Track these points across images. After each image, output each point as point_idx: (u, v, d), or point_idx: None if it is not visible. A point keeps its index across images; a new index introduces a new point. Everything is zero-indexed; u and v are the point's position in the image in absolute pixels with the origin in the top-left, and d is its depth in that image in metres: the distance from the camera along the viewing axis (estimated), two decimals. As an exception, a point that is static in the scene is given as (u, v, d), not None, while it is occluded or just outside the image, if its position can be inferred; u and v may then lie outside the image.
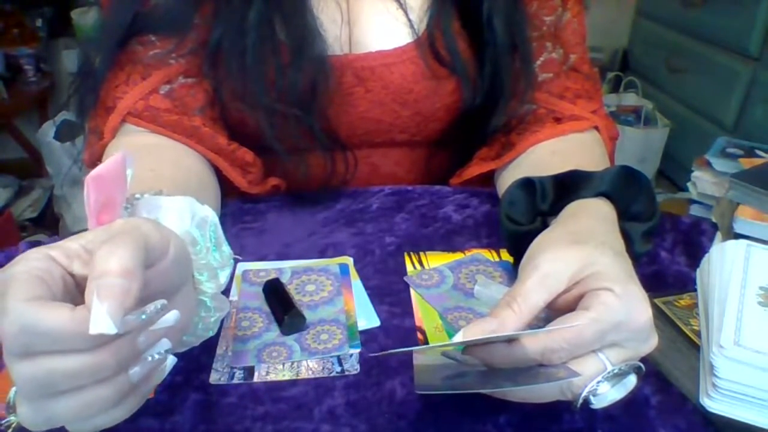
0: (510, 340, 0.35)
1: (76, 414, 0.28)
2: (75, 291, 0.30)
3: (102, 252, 0.28)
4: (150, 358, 0.31)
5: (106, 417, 0.30)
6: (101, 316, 0.26)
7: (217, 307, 0.40)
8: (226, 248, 0.40)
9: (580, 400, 0.34)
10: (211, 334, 0.40)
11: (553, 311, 0.37)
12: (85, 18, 2.06)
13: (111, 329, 0.26)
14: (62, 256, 0.30)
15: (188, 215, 0.38)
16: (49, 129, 2.05)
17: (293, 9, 0.56)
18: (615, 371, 0.34)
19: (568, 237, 0.39)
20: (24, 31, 2.23)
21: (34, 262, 0.29)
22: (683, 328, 0.44)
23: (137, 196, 0.38)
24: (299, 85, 0.56)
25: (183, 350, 0.40)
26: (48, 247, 0.30)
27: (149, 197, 0.38)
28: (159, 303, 0.30)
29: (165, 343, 0.32)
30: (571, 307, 0.36)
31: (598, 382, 0.34)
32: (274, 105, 0.57)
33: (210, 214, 0.40)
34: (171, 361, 0.32)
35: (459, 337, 0.35)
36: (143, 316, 0.29)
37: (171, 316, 0.31)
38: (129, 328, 0.28)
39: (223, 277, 0.40)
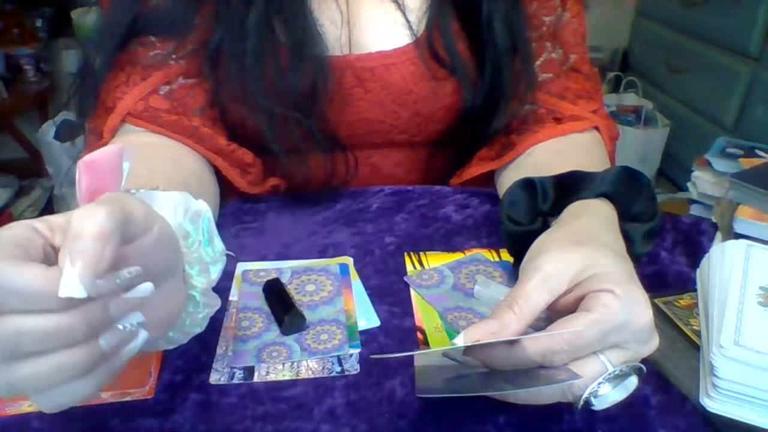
0: (511, 342, 0.35)
1: (41, 379, 0.27)
2: (55, 262, 0.29)
3: (79, 213, 0.27)
4: (122, 327, 0.30)
5: (73, 388, 0.29)
6: (71, 279, 0.26)
7: (207, 303, 0.39)
8: (219, 243, 0.40)
9: (581, 402, 0.34)
10: (199, 330, 0.40)
11: (554, 312, 0.37)
12: (85, 18, 2.06)
13: (81, 293, 0.26)
14: (45, 227, 0.29)
15: (182, 209, 0.38)
16: (49, 129, 2.05)
17: (293, 10, 0.56)
18: (616, 372, 0.34)
19: (569, 238, 0.39)
20: (24, 31, 2.23)
21: (17, 229, 0.28)
22: (683, 328, 0.44)
23: (132, 191, 0.38)
24: (299, 87, 0.56)
25: (170, 347, 0.39)
26: (33, 220, 0.30)
27: (145, 192, 0.38)
28: (133, 269, 0.29)
29: (137, 316, 0.31)
30: (571, 308, 0.36)
31: (599, 383, 0.34)
32: (273, 107, 0.57)
33: (204, 208, 0.39)
34: (143, 336, 0.31)
35: (460, 340, 0.35)
36: (117, 281, 0.28)
37: (144, 287, 0.30)
38: (100, 293, 0.27)
39: (215, 273, 0.39)
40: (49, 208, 2.20)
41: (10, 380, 0.27)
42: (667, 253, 0.55)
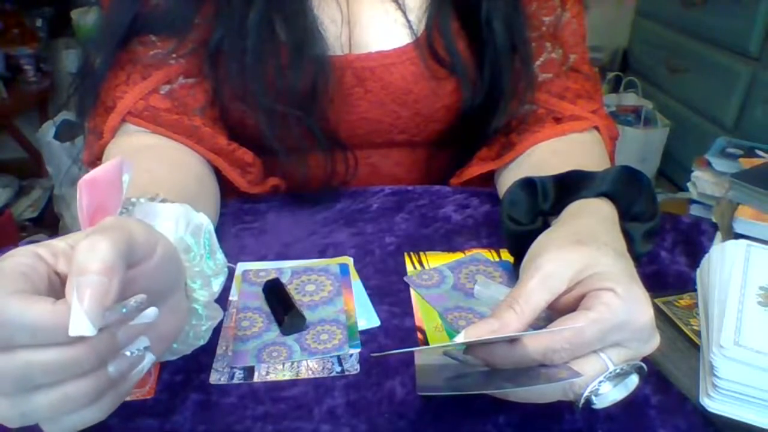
0: (512, 340, 0.35)
1: (53, 409, 0.28)
2: (60, 289, 0.29)
3: (82, 246, 0.27)
4: (129, 353, 0.30)
5: (82, 415, 0.29)
6: (80, 318, 0.26)
7: (209, 316, 0.39)
8: (220, 256, 0.40)
9: (582, 401, 0.34)
10: (202, 342, 0.40)
11: (555, 312, 0.37)
12: (85, 18, 2.06)
13: (90, 331, 0.26)
14: (48, 254, 0.29)
15: (183, 222, 0.38)
16: (49, 129, 2.05)
17: (294, 9, 0.56)
18: (617, 371, 0.34)
19: (570, 237, 0.39)
20: (24, 31, 2.23)
21: (21, 258, 0.28)
22: (683, 328, 0.44)
23: (133, 200, 0.38)
24: (299, 86, 0.56)
25: (173, 359, 0.40)
26: (35, 246, 0.30)
27: (145, 203, 0.38)
28: (139, 297, 0.29)
29: (143, 341, 0.31)
30: (572, 307, 0.36)
31: (600, 382, 0.34)
32: (273, 105, 0.57)
33: (205, 222, 0.39)
34: (149, 359, 0.32)
35: (461, 338, 0.35)
36: (123, 310, 0.28)
37: (150, 312, 0.30)
38: (108, 323, 0.28)
39: (216, 285, 0.40)
40: (49, 208, 2.20)
41: (23, 411, 0.28)
42: (667, 253, 0.55)
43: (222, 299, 0.42)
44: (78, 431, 0.30)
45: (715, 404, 0.37)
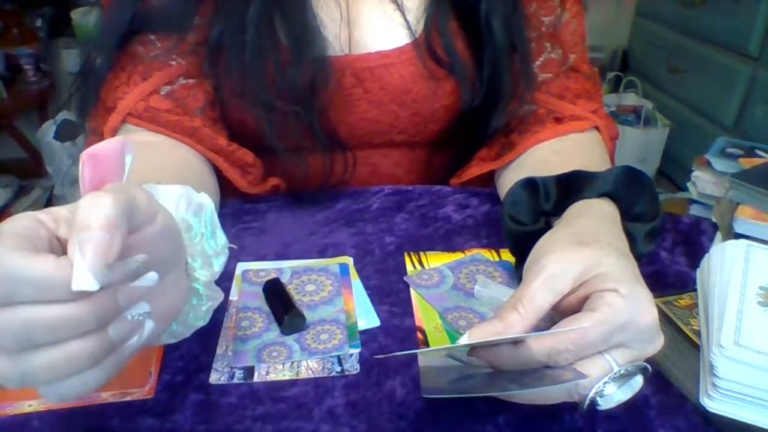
0: (516, 341, 0.35)
1: (53, 370, 0.28)
2: (61, 255, 0.29)
3: (85, 203, 0.27)
4: (129, 317, 0.30)
5: (81, 379, 0.29)
6: (83, 272, 0.26)
7: (210, 296, 0.39)
8: (221, 236, 0.40)
9: (587, 402, 0.34)
10: (202, 323, 0.40)
11: (558, 313, 0.37)
12: (85, 18, 2.06)
13: (93, 286, 0.26)
14: (50, 219, 0.29)
15: (184, 202, 0.38)
16: (49, 129, 2.06)
17: (293, 7, 0.56)
18: (621, 372, 0.34)
19: (573, 238, 0.39)
20: (24, 31, 2.23)
21: (22, 221, 0.28)
22: (683, 328, 0.44)
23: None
24: (299, 83, 0.56)
25: (173, 341, 0.39)
26: (36, 212, 0.30)
27: (147, 186, 0.38)
28: (140, 257, 0.29)
29: (144, 306, 0.31)
30: (576, 308, 0.36)
31: (605, 383, 0.34)
32: (273, 102, 0.57)
33: (206, 201, 0.39)
34: (149, 327, 0.32)
35: (465, 339, 0.35)
36: (126, 270, 0.28)
37: (151, 276, 0.30)
38: (110, 282, 0.28)
39: (217, 266, 0.39)
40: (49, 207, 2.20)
41: (23, 371, 0.27)
42: (667, 253, 0.55)
43: (222, 299, 0.41)
44: (74, 397, 0.29)
45: (715, 404, 0.37)
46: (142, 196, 0.31)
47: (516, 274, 0.50)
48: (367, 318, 0.47)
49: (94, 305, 0.27)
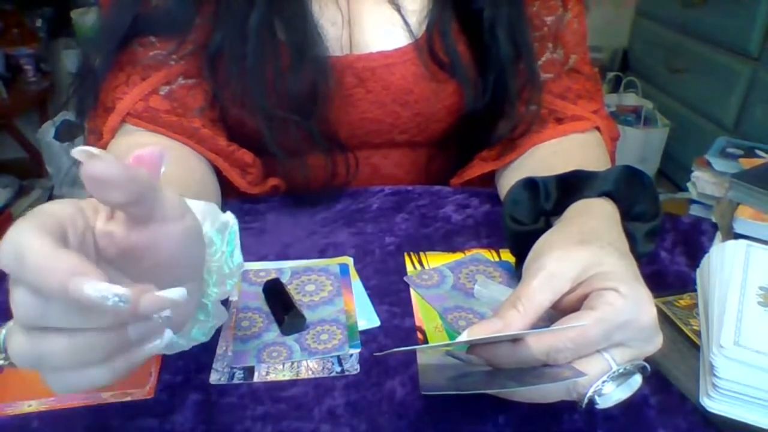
0: (515, 340, 0.35)
1: (64, 357, 0.27)
2: (92, 249, 0.29)
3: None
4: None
5: (90, 374, 0.28)
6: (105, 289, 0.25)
7: (216, 315, 0.39)
8: (238, 256, 0.40)
9: (585, 400, 0.34)
10: (204, 340, 0.40)
11: (558, 312, 0.37)
12: (85, 18, 2.06)
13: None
14: (91, 208, 0.29)
15: (210, 219, 0.38)
16: (49, 129, 2.06)
17: (294, 12, 0.56)
18: (620, 371, 0.34)
19: (572, 237, 0.39)
20: (24, 31, 2.23)
21: (63, 206, 0.28)
22: (683, 328, 0.44)
23: None
24: (299, 88, 0.56)
25: (171, 353, 0.39)
26: (81, 200, 0.30)
27: None
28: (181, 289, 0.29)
29: (167, 310, 0.30)
30: (575, 307, 0.36)
31: (604, 382, 0.34)
32: (273, 110, 0.56)
33: (231, 220, 0.39)
34: (168, 336, 0.31)
35: (464, 337, 0.35)
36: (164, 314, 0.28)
37: (179, 291, 0.29)
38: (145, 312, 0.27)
39: (230, 285, 0.39)
40: (49, 208, 2.19)
41: (40, 353, 0.27)
42: (667, 253, 0.55)
43: (226, 319, 0.41)
44: (78, 391, 0.29)
45: (715, 404, 0.37)
46: (171, 192, 0.31)
47: (516, 274, 0.50)
48: (367, 318, 0.47)
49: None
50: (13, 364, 0.29)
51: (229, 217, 0.39)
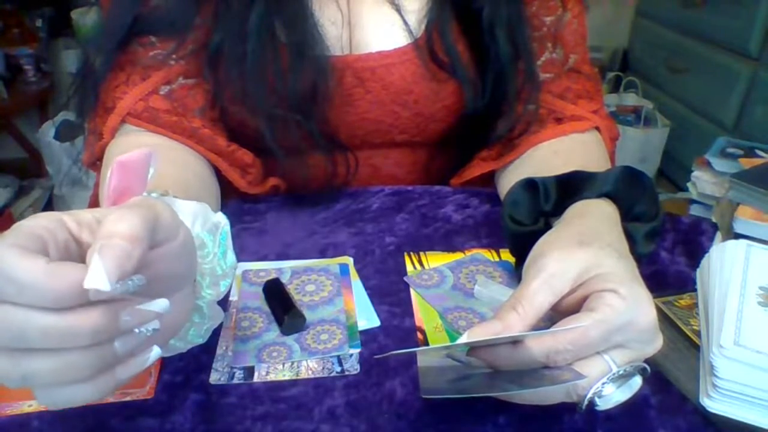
0: (515, 341, 0.35)
1: (49, 376, 0.27)
2: (77, 259, 0.28)
3: (112, 217, 0.28)
4: (137, 331, 0.30)
5: (74, 391, 0.28)
6: (99, 272, 0.25)
7: (212, 316, 0.39)
8: (231, 257, 0.40)
9: (585, 402, 0.34)
10: (201, 341, 0.40)
11: (558, 313, 0.37)
12: (85, 18, 2.06)
13: (105, 286, 0.25)
14: (73, 222, 0.29)
15: (201, 220, 0.38)
16: (49, 129, 2.05)
17: (294, 11, 0.56)
18: (620, 372, 0.34)
19: (572, 238, 0.39)
20: (24, 31, 2.23)
21: (42, 220, 0.28)
22: (683, 328, 0.44)
23: (153, 194, 0.38)
24: (299, 88, 0.56)
25: (168, 355, 0.39)
26: (62, 213, 0.30)
27: (166, 198, 0.38)
28: (136, 278, 0.29)
29: (154, 323, 0.30)
30: (575, 308, 0.36)
31: (604, 383, 0.34)
32: (274, 109, 0.56)
33: (222, 221, 0.39)
34: (155, 353, 0.31)
35: (464, 339, 0.35)
36: (129, 283, 0.28)
37: (161, 302, 0.30)
38: (113, 293, 0.27)
39: (224, 286, 0.40)
40: (49, 208, 2.19)
41: (24, 372, 0.27)
42: (667, 253, 0.55)
43: (222, 299, 0.42)
44: (67, 407, 0.29)
45: (715, 404, 0.37)
46: (166, 213, 0.31)
47: (516, 274, 0.50)
48: (367, 318, 0.47)
49: (88, 320, 0.27)
50: None
51: (221, 218, 0.39)
